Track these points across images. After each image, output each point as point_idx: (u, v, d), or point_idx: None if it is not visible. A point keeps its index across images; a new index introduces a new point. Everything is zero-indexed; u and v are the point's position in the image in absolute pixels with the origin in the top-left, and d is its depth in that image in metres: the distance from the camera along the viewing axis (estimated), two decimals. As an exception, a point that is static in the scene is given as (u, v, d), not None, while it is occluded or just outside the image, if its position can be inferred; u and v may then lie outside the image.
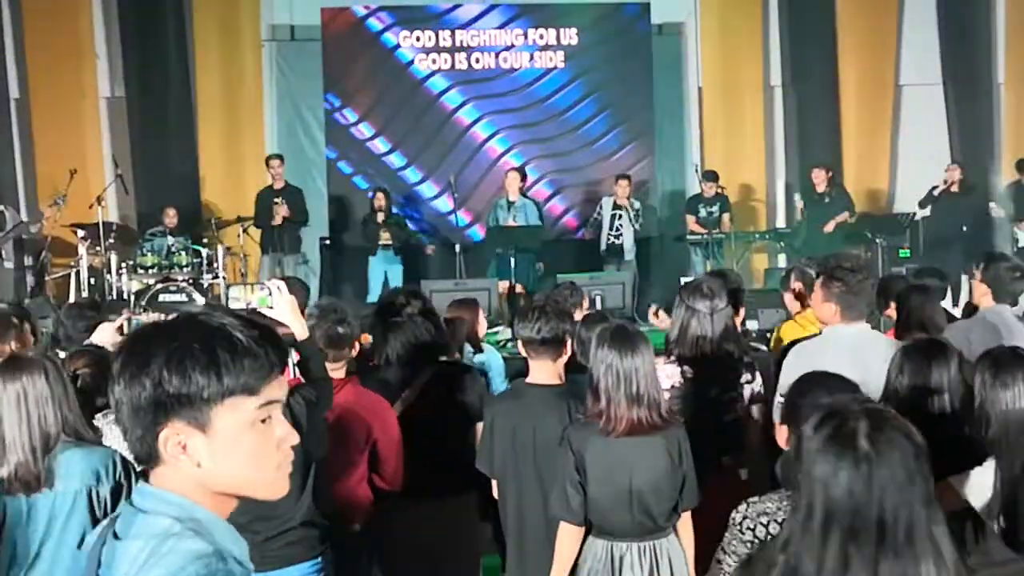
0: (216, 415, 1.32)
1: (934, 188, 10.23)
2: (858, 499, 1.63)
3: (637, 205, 10.04)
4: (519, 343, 3.38)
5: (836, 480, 1.64)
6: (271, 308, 3.25)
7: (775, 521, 2.35)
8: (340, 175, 11.09)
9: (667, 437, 2.99)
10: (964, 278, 9.51)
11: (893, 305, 4.61)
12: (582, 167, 11.23)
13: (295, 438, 1.40)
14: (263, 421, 1.36)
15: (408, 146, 11.10)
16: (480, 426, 3.54)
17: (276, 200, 9.82)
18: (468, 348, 4.66)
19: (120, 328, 3.75)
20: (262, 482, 1.38)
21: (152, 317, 3.81)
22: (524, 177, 9.88)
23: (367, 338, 3.94)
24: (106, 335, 3.74)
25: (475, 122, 11.15)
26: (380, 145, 11.10)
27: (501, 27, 11.11)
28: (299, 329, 3.27)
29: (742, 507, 2.43)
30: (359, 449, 3.38)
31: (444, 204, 10.87)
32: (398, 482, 3.45)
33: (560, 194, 11.28)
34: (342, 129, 11.05)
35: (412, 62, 11.07)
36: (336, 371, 3.39)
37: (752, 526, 2.38)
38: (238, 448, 1.35)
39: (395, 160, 11.11)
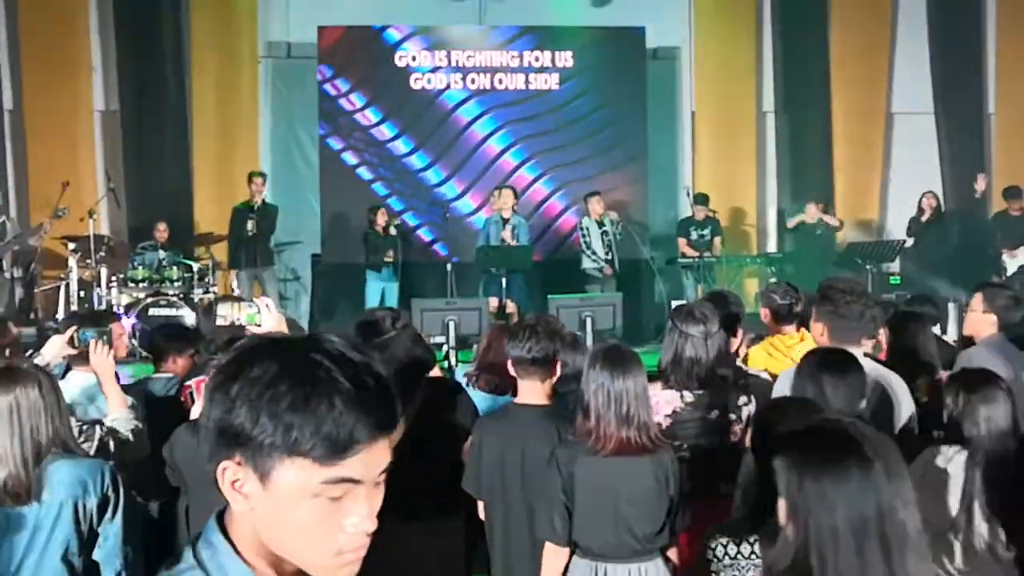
0: (277, 468, 1.13)
1: (920, 215, 10.34)
2: (886, 506, 1.67)
3: (614, 216, 10.03)
4: (508, 362, 3.37)
5: (862, 492, 1.67)
6: (259, 326, 3.26)
7: (733, 541, 2.42)
8: (358, 181, 11.01)
9: (655, 460, 2.99)
10: (951, 305, 9.58)
11: (883, 331, 4.62)
12: (573, 187, 11.26)
13: (372, 525, 1.17)
14: (334, 498, 1.14)
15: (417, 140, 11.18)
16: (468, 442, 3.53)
17: (250, 216, 9.79)
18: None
19: (70, 341, 3.67)
20: (313, 563, 1.17)
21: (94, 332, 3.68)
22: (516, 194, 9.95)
23: None
24: (55, 348, 3.67)
25: (477, 130, 11.21)
26: (402, 146, 11.14)
27: (497, 48, 11.18)
28: None
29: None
30: None
31: (466, 204, 10.91)
32: None
33: (567, 212, 11.32)
34: (366, 137, 11.06)
35: (408, 80, 11.11)
36: None
37: (714, 546, 2.45)
38: (291, 514, 1.14)
39: (402, 146, 11.15)
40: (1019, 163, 11.41)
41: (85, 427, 3.29)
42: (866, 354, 3.66)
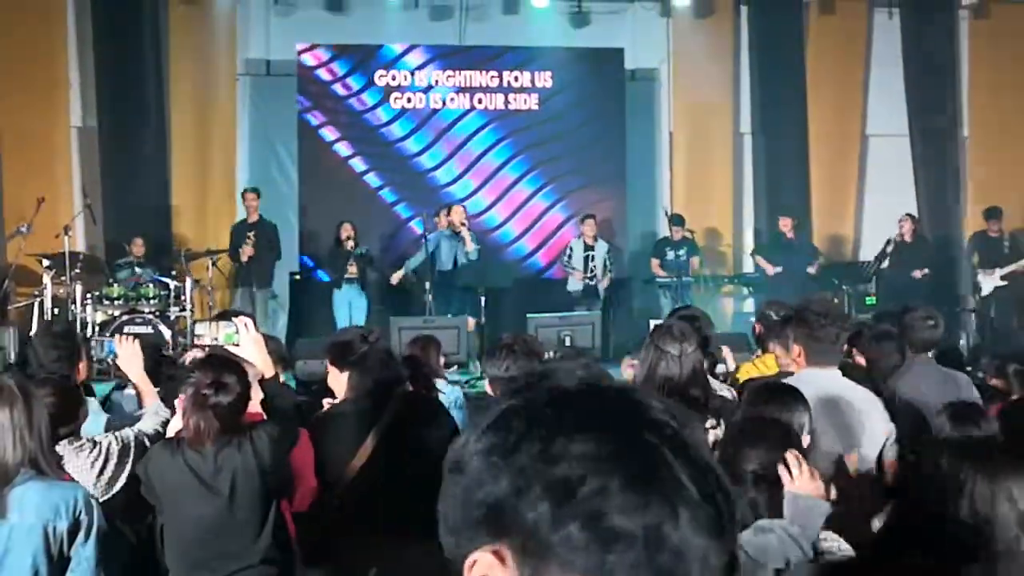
0: None
1: (887, 243, 10.44)
2: None
3: (606, 245, 10.14)
4: (486, 382, 3.36)
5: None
6: (237, 345, 3.24)
7: None
8: (343, 195, 10.94)
9: None
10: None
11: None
12: (551, 207, 11.30)
13: None
14: None
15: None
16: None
17: (248, 234, 9.79)
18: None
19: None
20: None
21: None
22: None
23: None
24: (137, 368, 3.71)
25: (443, 162, 11.24)
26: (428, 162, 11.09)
27: (476, 68, 11.22)
28: (265, 368, 3.26)
29: None
30: None
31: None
32: (304, 504, 3.44)
33: (528, 233, 11.33)
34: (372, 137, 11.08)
35: (387, 99, 11.13)
36: None
37: None
38: None
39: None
40: (993, 186, 11.58)
41: (119, 435, 3.30)
42: (845, 374, 3.69)
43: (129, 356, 3.60)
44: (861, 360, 4.58)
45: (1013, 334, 9.69)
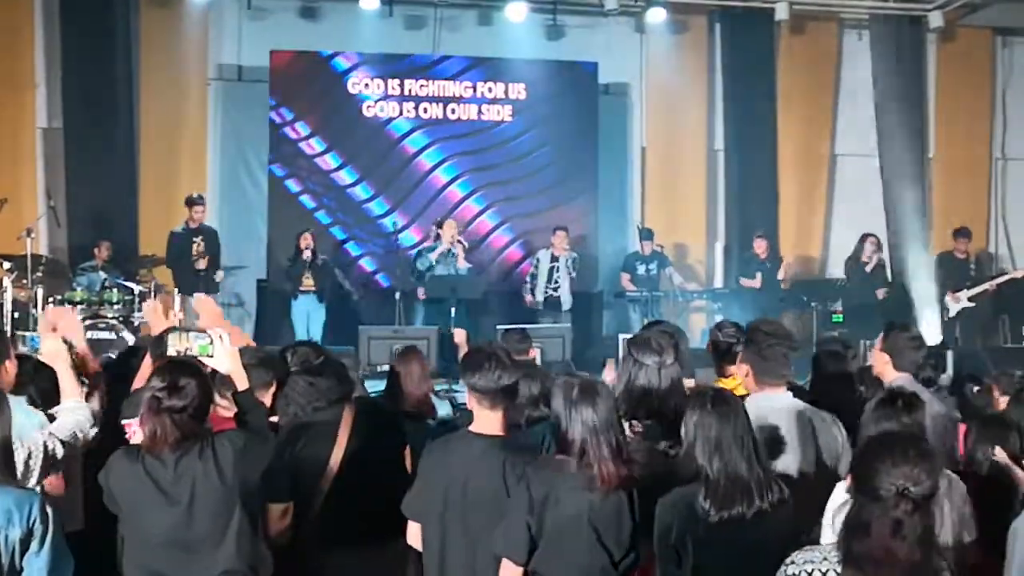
0: None
1: (862, 263, 10.51)
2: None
3: (574, 255, 10.13)
4: (469, 393, 3.29)
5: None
6: (211, 357, 3.17)
7: (819, 570, 2.32)
8: (303, 208, 10.92)
9: (629, 487, 2.97)
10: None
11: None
12: (521, 220, 11.29)
13: None
14: None
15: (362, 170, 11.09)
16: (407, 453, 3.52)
17: (195, 240, 9.65)
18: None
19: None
20: None
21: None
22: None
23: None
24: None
25: (425, 160, 11.18)
26: (346, 176, 11.05)
27: (451, 78, 11.20)
28: (239, 380, 3.19)
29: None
30: None
31: (408, 237, 10.91)
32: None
33: (515, 245, 11.32)
34: (310, 165, 10.98)
35: (360, 108, 11.07)
36: None
37: (796, 572, 2.35)
38: None
39: (346, 177, 11.04)
40: (957, 207, 11.77)
41: (24, 443, 3.12)
42: (795, 394, 3.70)
43: (53, 351, 3.45)
44: None
45: (977, 355, 9.78)
